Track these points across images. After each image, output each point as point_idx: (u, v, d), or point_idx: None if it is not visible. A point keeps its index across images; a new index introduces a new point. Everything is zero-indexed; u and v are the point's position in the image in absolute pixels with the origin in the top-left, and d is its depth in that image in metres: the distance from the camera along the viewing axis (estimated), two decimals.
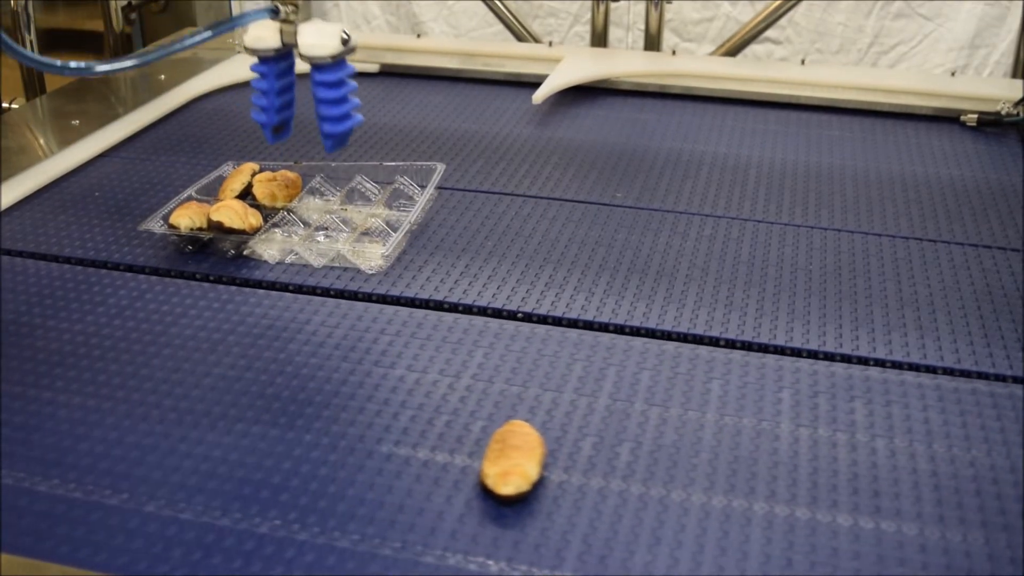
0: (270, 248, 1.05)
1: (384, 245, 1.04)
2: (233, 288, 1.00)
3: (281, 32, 1.01)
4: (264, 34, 1.01)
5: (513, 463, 0.72)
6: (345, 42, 0.99)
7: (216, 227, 1.04)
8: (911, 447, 0.79)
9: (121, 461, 0.76)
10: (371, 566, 0.67)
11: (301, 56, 1.01)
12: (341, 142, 1.06)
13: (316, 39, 1.00)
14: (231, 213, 1.04)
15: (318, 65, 1.01)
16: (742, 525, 0.71)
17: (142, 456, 0.76)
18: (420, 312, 0.96)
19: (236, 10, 1.97)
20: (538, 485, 0.73)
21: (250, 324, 0.93)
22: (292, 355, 0.89)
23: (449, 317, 0.95)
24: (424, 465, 0.76)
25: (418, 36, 1.95)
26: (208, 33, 0.98)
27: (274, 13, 0.99)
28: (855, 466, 0.77)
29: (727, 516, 0.71)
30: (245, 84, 1.55)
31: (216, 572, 0.66)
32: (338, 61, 1.01)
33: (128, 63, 0.99)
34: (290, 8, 0.99)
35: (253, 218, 1.05)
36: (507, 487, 0.71)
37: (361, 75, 1.61)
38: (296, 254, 1.04)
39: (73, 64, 0.95)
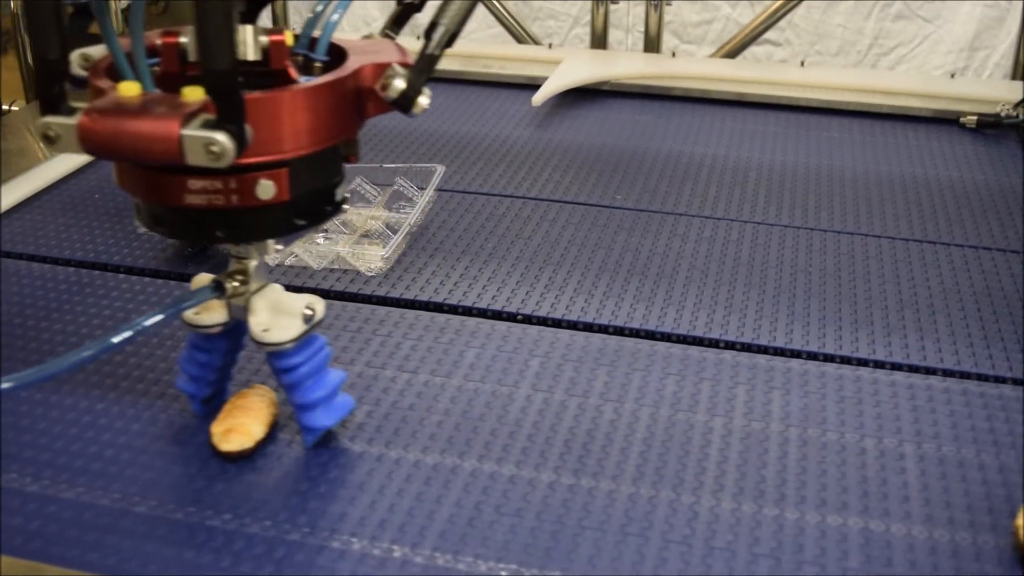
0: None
1: (384, 247, 1.04)
2: None
3: (229, 306, 0.75)
4: (207, 309, 0.75)
5: (238, 422, 0.77)
6: (308, 319, 0.73)
7: None
8: (920, 449, 0.79)
9: (120, 462, 0.76)
10: (85, 514, 0.70)
11: (253, 341, 0.75)
12: (332, 411, 0.78)
13: (269, 319, 0.74)
14: None
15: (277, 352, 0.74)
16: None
17: (139, 457, 0.76)
18: (420, 314, 0.96)
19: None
20: (268, 443, 0.77)
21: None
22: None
23: (449, 319, 0.95)
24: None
25: (418, 38, 1.94)
26: (160, 316, 0.70)
27: (217, 291, 0.74)
28: (864, 468, 0.77)
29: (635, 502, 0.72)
30: None
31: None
32: (303, 343, 0.74)
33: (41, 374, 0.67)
34: (236, 283, 0.74)
35: None
36: (228, 444, 0.75)
37: None
38: (295, 256, 1.04)
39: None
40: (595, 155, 1.33)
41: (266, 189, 0.65)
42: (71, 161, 1.26)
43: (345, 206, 0.73)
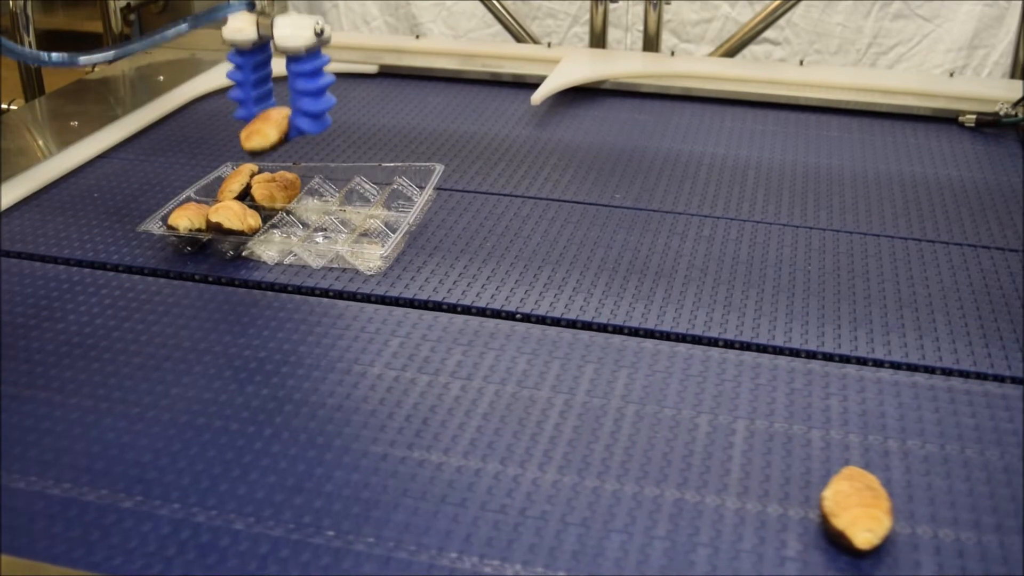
0: (269, 249, 1.05)
1: (383, 246, 1.04)
2: (232, 289, 1.00)
3: (258, 24, 1.06)
4: (242, 26, 1.06)
5: (256, 127, 1.08)
6: (319, 34, 1.03)
7: (215, 228, 1.04)
8: (923, 448, 0.79)
9: (119, 462, 0.76)
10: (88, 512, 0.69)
11: (276, 48, 1.06)
12: (320, 122, 1.09)
13: (290, 31, 1.04)
14: (230, 214, 1.04)
15: (293, 57, 1.05)
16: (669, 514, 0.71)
17: (138, 456, 0.76)
18: (419, 313, 0.96)
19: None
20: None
21: (245, 324, 0.93)
22: (290, 356, 0.89)
23: (449, 318, 0.95)
24: (420, 464, 0.76)
25: (417, 37, 1.95)
26: (185, 25, 1.02)
27: (251, 5, 1.05)
28: (867, 468, 0.77)
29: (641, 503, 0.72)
30: None
31: (213, 572, 0.66)
32: (313, 53, 1.05)
33: (109, 54, 1.04)
34: (266, 1, 1.04)
35: (252, 219, 1.06)
36: (250, 143, 1.08)
37: (360, 76, 1.61)
38: (295, 255, 1.04)
39: (55, 56, 1.00)
40: (594, 154, 1.33)
41: None
42: (70, 160, 1.26)
43: None
